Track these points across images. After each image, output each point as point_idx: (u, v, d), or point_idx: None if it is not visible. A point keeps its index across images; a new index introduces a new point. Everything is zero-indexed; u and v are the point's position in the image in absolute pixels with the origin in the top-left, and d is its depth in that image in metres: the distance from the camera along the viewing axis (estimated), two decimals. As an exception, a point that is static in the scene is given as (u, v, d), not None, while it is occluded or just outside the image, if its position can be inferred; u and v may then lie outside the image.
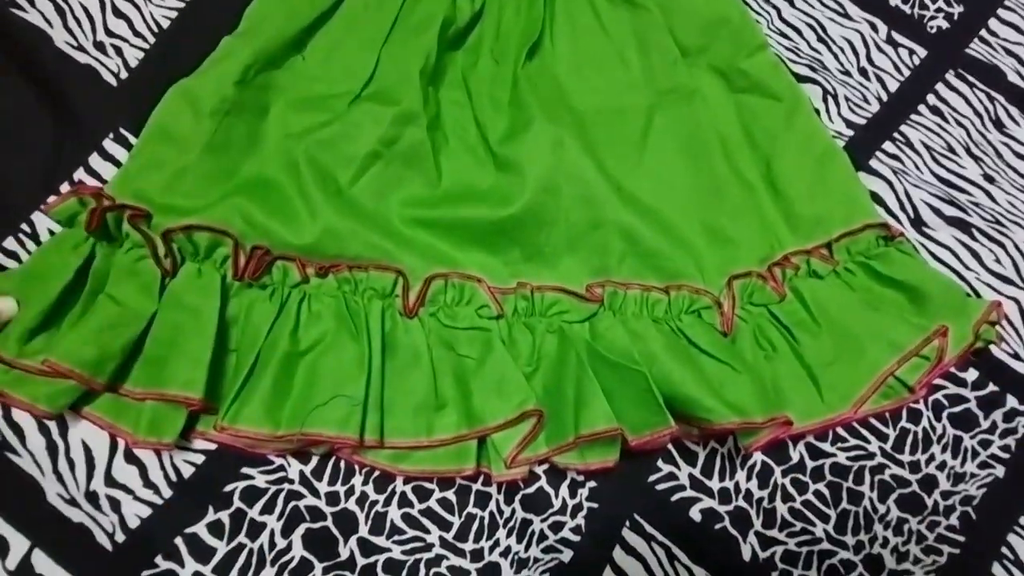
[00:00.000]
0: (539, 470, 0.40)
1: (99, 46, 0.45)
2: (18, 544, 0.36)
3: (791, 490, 0.41)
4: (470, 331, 0.39)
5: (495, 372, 0.38)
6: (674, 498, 0.41)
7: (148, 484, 0.38)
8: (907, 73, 0.52)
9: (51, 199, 0.37)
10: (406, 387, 0.38)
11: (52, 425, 0.38)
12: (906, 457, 0.42)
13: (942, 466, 0.42)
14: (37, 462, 0.37)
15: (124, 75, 0.45)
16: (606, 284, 0.41)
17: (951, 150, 0.50)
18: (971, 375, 0.44)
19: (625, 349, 0.38)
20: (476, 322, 0.39)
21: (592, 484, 0.40)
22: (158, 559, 0.37)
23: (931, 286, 0.42)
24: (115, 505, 0.37)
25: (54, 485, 0.37)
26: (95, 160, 0.43)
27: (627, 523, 0.40)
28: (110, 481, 0.38)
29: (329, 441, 0.36)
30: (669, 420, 0.36)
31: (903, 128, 0.50)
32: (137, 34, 0.46)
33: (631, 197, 0.43)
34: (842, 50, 0.52)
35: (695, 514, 0.41)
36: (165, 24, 0.46)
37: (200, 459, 0.39)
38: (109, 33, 0.46)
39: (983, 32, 0.54)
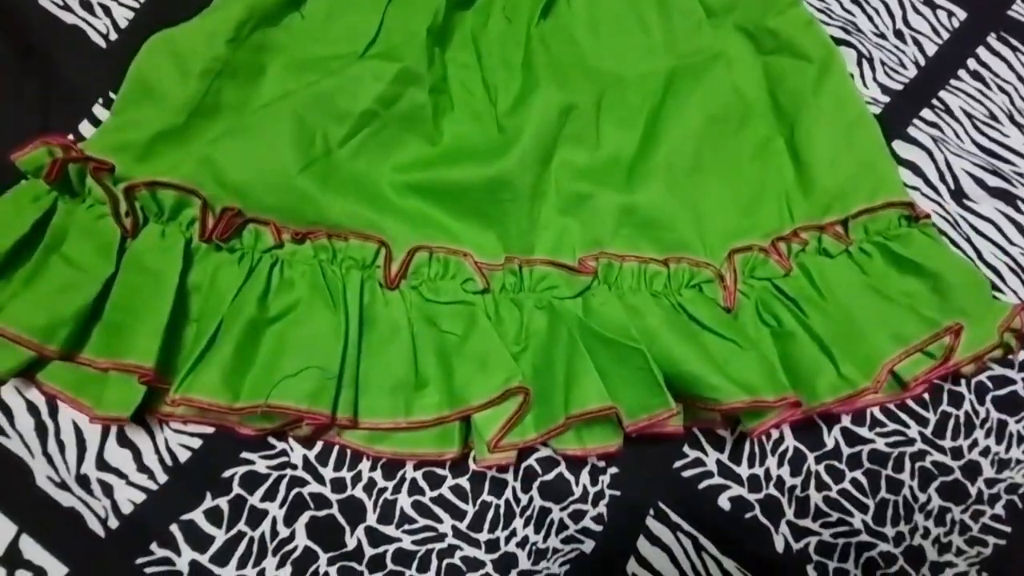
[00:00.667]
0: (558, 455, 0.38)
1: (86, 5, 0.43)
2: (5, 529, 0.34)
3: (826, 478, 0.39)
4: (454, 305, 0.36)
5: (479, 348, 0.35)
6: (701, 485, 0.38)
7: (142, 468, 0.36)
8: (946, 36, 0.49)
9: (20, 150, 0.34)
10: (383, 364, 0.35)
11: (41, 405, 0.36)
12: (948, 443, 0.40)
13: (986, 452, 0.40)
14: (26, 443, 0.35)
15: (113, 36, 0.42)
16: (600, 256, 0.38)
17: (993, 117, 0.47)
18: (1019, 355, 0.41)
19: (621, 325, 0.35)
20: (460, 296, 0.37)
21: (614, 470, 0.38)
22: (153, 546, 0.35)
23: (954, 276, 0.38)
24: (107, 490, 0.35)
25: (44, 467, 0.35)
26: (85, 127, 0.40)
27: (652, 512, 0.38)
28: (102, 464, 0.35)
29: (297, 415, 0.33)
30: (669, 401, 0.34)
31: (942, 94, 0.47)
32: (128, -8, 0.43)
33: (637, 167, 0.41)
34: (877, 11, 0.49)
35: (724, 502, 0.38)
36: (157, -18, 0.44)
37: (197, 443, 0.36)
38: (97, -9, 0.43)
39: (1027, -7, 0.51)
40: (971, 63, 0.48)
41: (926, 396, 0.40)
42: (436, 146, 0.40)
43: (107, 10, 0.43)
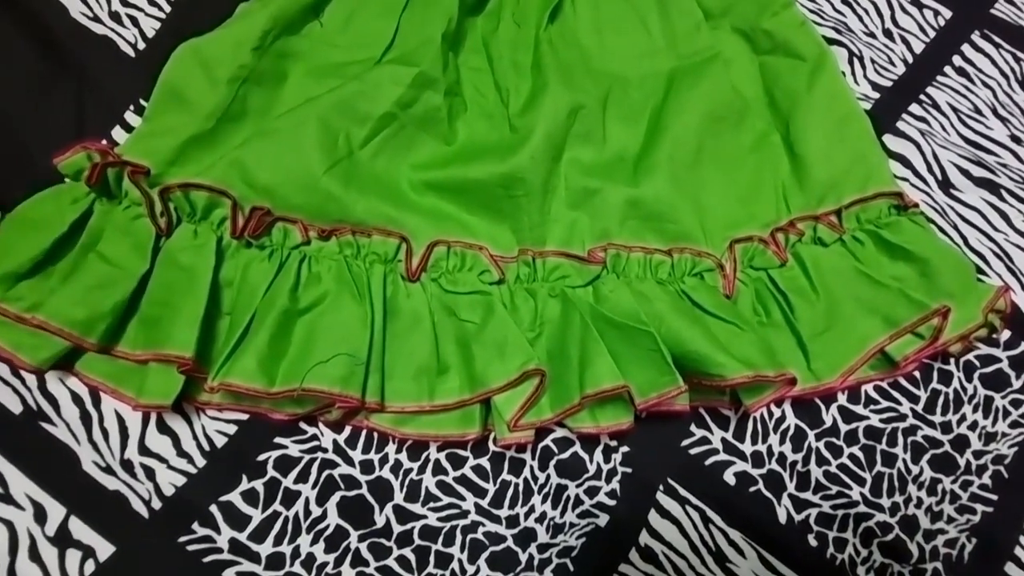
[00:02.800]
0: (572, 435, 0.40)
1: (115, 17, 0.45)
2: (55, 511, 0.36)
3: (825, 453, 0.41)
4: (471, 296, 0.39)
5: (497, 335, 0.37)
6: (708, 462, 0.41)
7: (181, 453, 0.38)
8: (932, 34, 0.51)
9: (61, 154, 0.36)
10: (407, 351, 0.38)
11: (85, 395, 0.38)
12: (938, 418, 0.42)
13: (973, 426, 0.42)
14: (72, 431, 0.37)
15: (141, 46, 0.44)
16: (608, 247, 0.40)
17: (978, 111, 0.49)
18: (1003, 335, 0.44)
19: (631, 310, 0.38)
20: (477, 286, 0.39)
21: (626, 449, 0.40)
22: (195, 525, 0.37)
23: (941, 261, 0.41)
24: (150, 473, 0.37)
25: (90, 453, 0.37)
26: (117, 132, 0.42)
27: (661, 487, 0.40)
28: (144, 450, 0.38)
29: (329, 398, 0.35)
30: (678, 379, 0.36)
31: (929, 90, 0.50)
32: (153, 3, 0.45)
33: (642, 162, 0.43)
34: (866, 12, 0.51)
35: (729, 477, 0.40)
36: (182, -7, 0.46)
37: (232, 429, 0.39)
38: (124, 3, 0.45)
39: (1008, -7, 0.53)
40: (956, 60, 0.51)
41: (917, 375, 0.43)
42: (451, 145, 0.42)
43: (135, 21, 0.45)
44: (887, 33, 0.51)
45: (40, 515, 0.36)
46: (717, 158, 0.44)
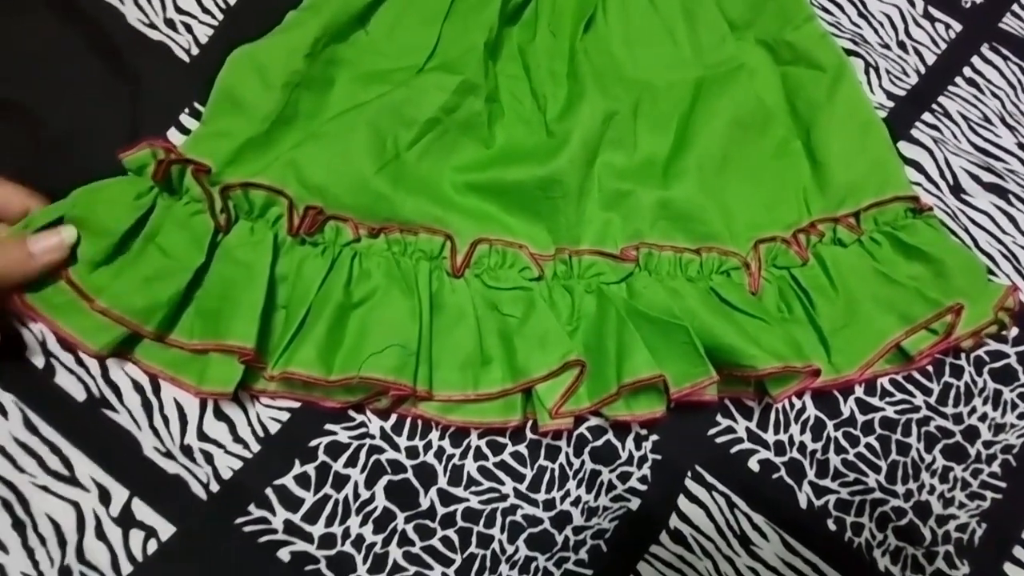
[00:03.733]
0: (605, 424, 0.42)
1: (169, 23, 0.47)
2: (119, 494, 0.38)
3: (843, 443, 0.43)
4: (513, 291, 0.41)
5: (538, 328, 0.39)
6: (733, 450, 0.43)
7: (237, 439, 0.40)
8: (944, 46, 0.54)
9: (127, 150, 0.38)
10: (453, 343, 0.39)
11: (146, 384, 0.40)
12: (950, 410, 0.45)
13: (983, 418, 0.45)
14: (134, 418, 0.39)
15: (195, 51, 0.46)
16: (640, 246, 0.42)
17: (987, 120, 0.52)
18: (1012, 332, 0.46)
19: (665, 305, 0.40)
20: (519, 282, 0.41)
21: (655, 438, 0.43)
22: (251, 507, 0.39)
23: (954, 262, 0.43)
24: (208, 458, 0.39)
25: (150, 439, 0.39)
26: (172, 134, 0.44)
27: (689, 473, 0.42)
28: (202, 436, 0.40)
29: (384, 386, 0.37)
30: (710, 369, 0.38)
31: (941, 99, 0.52)
32: (206, 11, 0.47)
33: (671, 167, 0.45)
34: (881, 25, 0.54)
35: (753, 465, 0.43)
36: (232, 0, 0.48)
37: (285, 416, 0.41)
38: (179, 10, 0.47)
39: (1015, 7, 0.56)
40: (967, 71, 0.53)
41: (930, 369, 0.45)
42: (491, 149, 0.45)
43: (188, 28, 0.47)
44: (901, 45, 0.54)
45: (104, 497, 0.38)
46: (742, 163, 0.46)
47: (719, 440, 0.43)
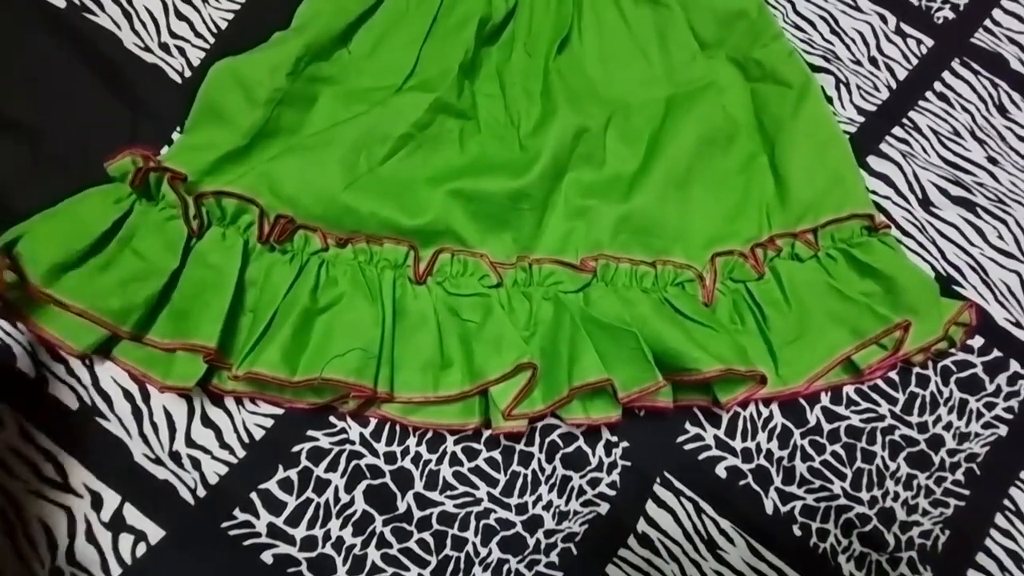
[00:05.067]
0: (577, 431, 0.44)
1: (164, 47, 0.49)
2: (111, 499, 0.40)
3: (810, 451, 0.45)
4: (472, 298, 0.42)
5: (494, 332, 0.41)
6: (701, 457, 0.44)
7: (223, 445, 0.42)
8: (915, 62, 0.55)
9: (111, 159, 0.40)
10: (414, 346, 0.41)
11: (135, 393, 0.42)
12: (915, 419, 0.46)
13: (948, 427, 0.46)
14: (124, 426, 0.41)
15: (188, 73, 0.48)
16: (599, 257, 0.44)
17: (957, 134, 0.53)
18: (977, 342, 0.47)
19: (617, 314, 0.41)
20: (478, 289, 0.42)
21: (625, 444, 0.44)
22: (236, 511, 0.41)
23: (906, 279, 0.44)
24: (196, 464, 0.41)
25: (140, 446, 0.41)
26: (165, 151, 0.46)
27: (658, 479, 0.44)
28: (190, 442, 0.41)
29: (345, 387, 0.39)
30: (657, 375, 0.39)
31: (911, 114, 0.53)
32: (198, 35, 0.49)
33: (636, 181, 0.47)
34: (853, 41, 0.55)
35: (720, 471, 0.44)
36: (223, 25, 0.50)
37: (269, 423, 0.42)
38: (172, 35, 0.49)
39: (987, 22, 0.57)
40: (937, 86, 0.54)
41: (896, 379, 0.46)
42: (464, 160, 0.46)
43: (182, 51, 0.49)
44: (872, 61, 0.55)
45: (97, 502, 0.40)
46: (707, 177, 0.48)
47: (687, 447, 0.44)
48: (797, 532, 0.43)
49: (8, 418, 0.41)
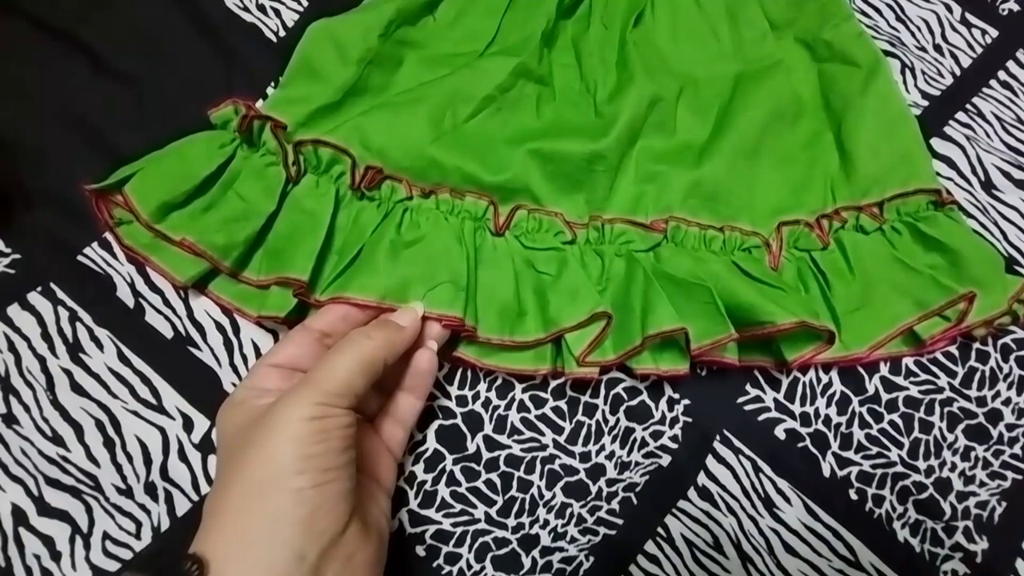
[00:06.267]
0: (641, 385, 0.45)
1: (261, 8, 0.52)
2: (200, 422, 0.43)
3: (868, 418, 0.46)
4: (548, 252, 0.44)
5: (569, 284, 0.42)
6: (760, 418, 0.45)
7: (306, 379, 0.44)
8: (979, 51, 0.56)
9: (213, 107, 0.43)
10: (492, 292, 0.42)
11: (227, 325, 0.45)
12: (973, 392, 0.46)
13: (1007, 402, 0.46)
14: (215, 355, 0.44)
15: (282, 33, 0.51)
16: (669, 219, 0.45)
17: (1020, 120, 0.54)
18: (1037, 321, 0.48)
19: (690, 269, 0.43)
20: (553, 244, 0.44)
21: (687, 402, 0.45)
22: (316, 441, 0.43)
23: (971, 252, 0.44)
24: (280, 394, 0.43)
25: (229, 375, 0.44)
26: (260, 105, 0.49)
27: (718, 437, 0.45)
28: (275, 374, 0.44)
29: (437, 317, 0.40)
30: (730, 327, 0.40)
31: (975, 100, 0.54)
32: (293, -2, 0.53)
33: (705, 151, 0.48)
34: (919, 29, 0.56)
35: (779, 433, 0.45)
36: (316, -11, 0.53)
37: (348, 361, 0.45)
38: (269, -3, 0.52)
39: (1053, 15, 0.57)
40: (1001, 74, 0.55)
41: (956, 353, 0.47)
42: (541, 125, 0.48)
43: (277, 12, 0.52)
44: (937, 48, 0.56)
45: (188, 425, 0.42)
46: (774, 151, 0.49)
47: (747, 408, 0.46)
48: (853, 496, 0.44)
49: (108, 342, 0.43)
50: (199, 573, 0.28)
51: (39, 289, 0.44)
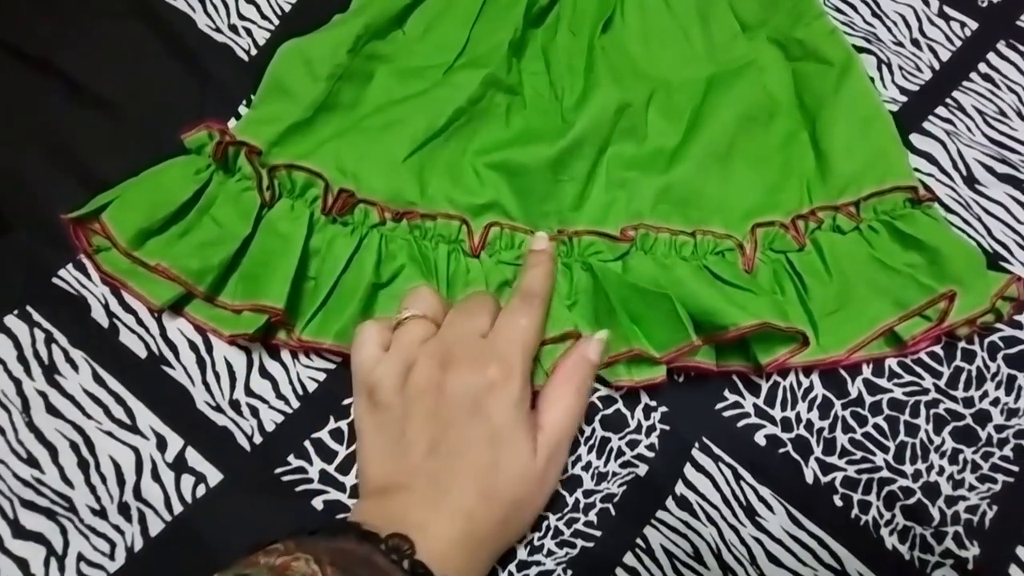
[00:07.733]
0: (616, 394, 0.45)
1: (233, 28, 0.53)
2: (174, 441, 0.43)
3: (851, 422, 0.45)
4: (518, 267, 0.44)
5: None
6: (739, 424, 0.45)
7: (279, 396, 0.44)
8: (958, 44, 0.55)
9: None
10: None
11: (200, 344, 0.45)
12: (960, 393, 0.45)
13: (995, 402, 0.45)
14: (188, 374, 0.44)
15: (254, 52, 0.52)
16: (639, 227, 0.45)
17: (1002, 114, 0.53)
18: (1025, 317, 0.46)
19: (653, 278, 0.42)
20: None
21: (664, 409, 0.45)
22: (290, 458, 0.43)
23: (950, 250, 0.43)
24: (254, 412, 0.43)
25: (202, 394, 0.44)
26: (232, 123, 0.50)
27: (696, 444, 0.44)
28: (249, 392, 0.44)
29: None
30: (691, 334, 0.40)
31: (955, 94, 0.53)
32: (264, 17, 0.53)
33: (676, 155, 0.48)
34: (895, 23, 0.56)
35: (759, 439, 0.44)
36: (287, 8, 0.53)
37: (322, 376, 0.45)
38: (241, 17, 0.53)
39: (1034, 5, 0.57)
40: (982, 67, 0.54)
41: (940, 353, 0.46)
42: (509, 133, 0.48)
43: (249, 32, 0.53)
44: (915, 43, 0.55)
45: (161, 444, 0.42)
46: (747, 153, 0.49)
47: (726, 414, 0.45)
48: (838, 503, 0.43)
49: (83, 363, 0.44)
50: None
51: (16, 312, 0.45)
